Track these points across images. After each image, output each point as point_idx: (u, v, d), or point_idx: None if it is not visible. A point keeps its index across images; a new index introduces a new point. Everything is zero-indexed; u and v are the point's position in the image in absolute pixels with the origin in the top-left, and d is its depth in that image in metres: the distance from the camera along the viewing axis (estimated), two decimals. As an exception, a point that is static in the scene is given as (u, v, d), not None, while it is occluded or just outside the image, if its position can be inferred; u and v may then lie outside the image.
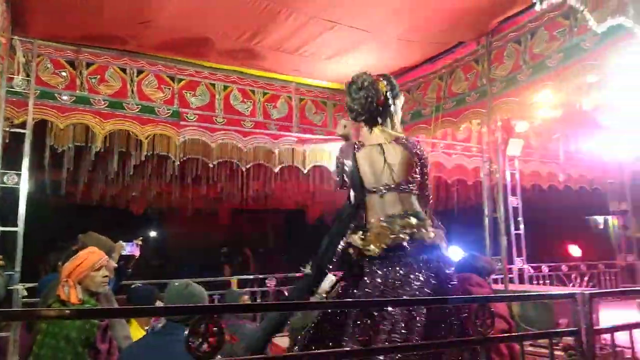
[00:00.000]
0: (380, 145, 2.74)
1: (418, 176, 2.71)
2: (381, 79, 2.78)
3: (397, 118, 2.87)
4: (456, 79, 5.39)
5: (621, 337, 2.05)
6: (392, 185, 2.66)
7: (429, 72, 5.73)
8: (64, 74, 4.86)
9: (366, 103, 2.71)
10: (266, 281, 6.30)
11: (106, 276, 3.01)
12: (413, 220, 2.57)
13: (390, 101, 2.78)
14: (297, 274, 6.36)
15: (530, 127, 7.07)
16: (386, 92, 2.76)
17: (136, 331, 3.64)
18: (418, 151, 2.73)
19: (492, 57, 4.95)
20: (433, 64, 5.57)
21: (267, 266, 10.63)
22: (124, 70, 5.15)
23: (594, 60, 4.00)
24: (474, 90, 5.17)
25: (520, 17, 4.65)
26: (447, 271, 2.53)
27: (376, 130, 2.78)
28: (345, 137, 3.02)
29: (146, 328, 3.81)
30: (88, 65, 4.99)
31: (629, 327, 2.02)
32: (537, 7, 3.87)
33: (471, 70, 5.23)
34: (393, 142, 2.74)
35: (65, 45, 4.88)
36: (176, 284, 2.97)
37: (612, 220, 9.01)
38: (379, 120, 2.79)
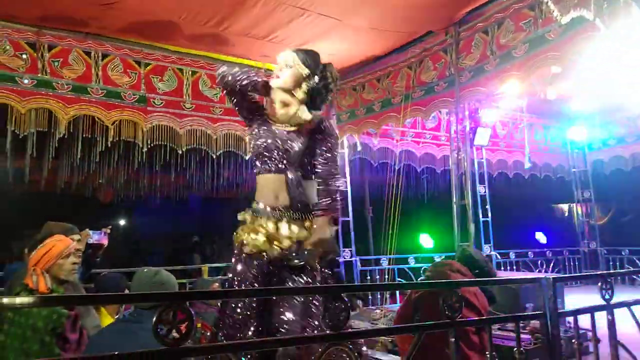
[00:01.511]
0: None
1: None
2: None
3: None
4: (425, 68, 5.44)
5: (585, 320, 2.11)
6: None
7: (398, 61, 5.76)
8: (24, 56, 4.71)
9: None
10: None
11: (75, 263, 2.95)
12: None
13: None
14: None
15: (497, 117, 7.21)
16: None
17: (107, 320, 3.59)
18: None
19: (460, 47, 5.01)
20: (402, 53, 5.59)
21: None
22: (88, 54, 5.01)
23: (558, 51, 4.08)
24: (443, 80, 5.23)
25: (487, 8, 4.71)
26: None
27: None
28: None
29: (116, 317, 3.77)
30: (50, 47, 4.83)
31: (590, 310, 2.07)
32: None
33: (440, 59, 5.29)
34: None
35: (25, 26, 4.71)
36: (145, 270, 2.93)
37: (576, 208, 9.29)
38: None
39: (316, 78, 2.53)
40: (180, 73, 5.50)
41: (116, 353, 1.21)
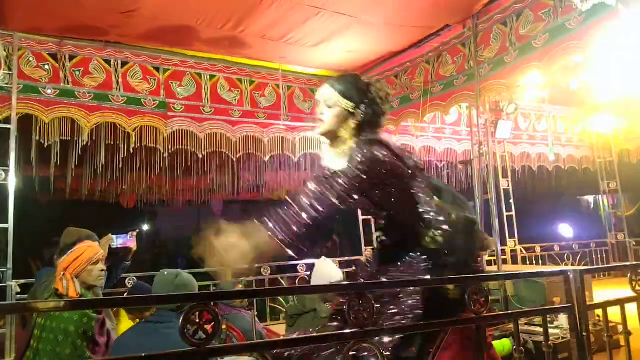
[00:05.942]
0: None
1: None
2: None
3: None
4: (443, 63, 5.38)
5: (616, 314, 2.07)
6: None
7: (415, 57, 5.71)
8: (46, 67, 4.80)
9: None
10: (262, 270, 6.28)
11: (103, 270, 3.01)
12: None
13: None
14: (290, 262, 6.41)
15: (518, 109, 7.10)
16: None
17: (128, 326, 3.64)
18: None
19: (479, 40, 4.94)
20: (419, 48, 5.54)
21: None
22: (108, 62, 5.09)
23: (578, 40, 4.00)
24: (462, 73, 5.17)
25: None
26: None
27: None
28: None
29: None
30: (71, 57, 4.92)
31: (620, 302, 2.04)
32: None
33: (458, 53, 5.23)
34: None
35: (47, 37, 4.81)
36: (165, 273, 2.96)
37: (602, 200, 9.10)
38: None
39: (362, 107, 2.20)
40: (198, 77, 5.55)
41: (144, 354, 1.22)
